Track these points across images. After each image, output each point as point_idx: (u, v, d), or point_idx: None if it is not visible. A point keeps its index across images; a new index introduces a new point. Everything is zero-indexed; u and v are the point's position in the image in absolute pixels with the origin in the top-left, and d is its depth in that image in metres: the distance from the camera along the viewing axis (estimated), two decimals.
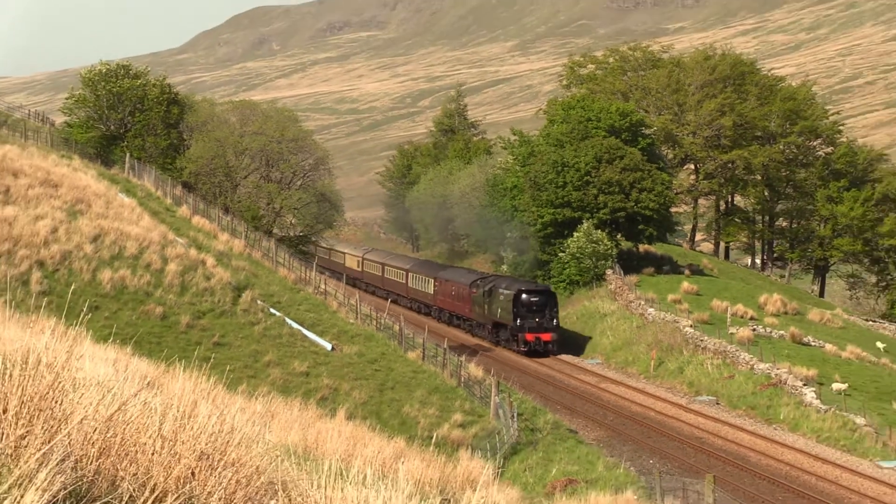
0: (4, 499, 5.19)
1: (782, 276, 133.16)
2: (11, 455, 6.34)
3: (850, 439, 66.74)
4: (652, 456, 61.34)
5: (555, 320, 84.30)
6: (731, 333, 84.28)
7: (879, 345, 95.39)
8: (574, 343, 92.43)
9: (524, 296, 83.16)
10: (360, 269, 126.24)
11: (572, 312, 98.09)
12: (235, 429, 8.49)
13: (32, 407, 6.89)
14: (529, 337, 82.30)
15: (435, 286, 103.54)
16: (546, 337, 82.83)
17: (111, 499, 6.59)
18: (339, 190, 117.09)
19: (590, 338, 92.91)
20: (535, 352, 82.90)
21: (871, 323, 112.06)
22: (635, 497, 44.48)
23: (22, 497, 5.02)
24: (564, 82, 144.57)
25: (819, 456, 62.78)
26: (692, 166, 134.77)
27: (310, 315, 69.43)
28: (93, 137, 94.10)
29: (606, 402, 76.44)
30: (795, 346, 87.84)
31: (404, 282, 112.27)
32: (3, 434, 6.67)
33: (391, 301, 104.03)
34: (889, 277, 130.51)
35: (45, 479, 5.41)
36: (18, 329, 24.71)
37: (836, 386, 77.07)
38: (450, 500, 16.40)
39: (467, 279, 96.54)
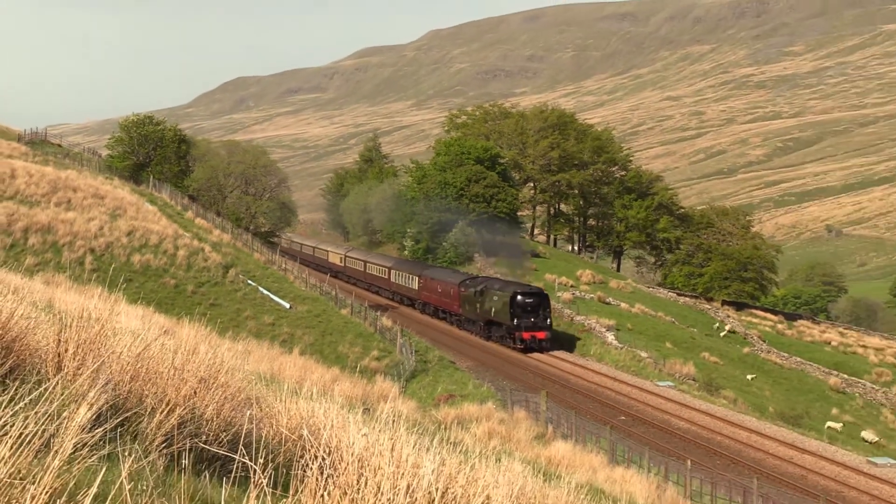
0: (65, 409, 4.95)
1: (592, 258, 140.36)
2: (70, 380, 6.42)
3: (638, 367, 75.71)
4: (505, 379, 65.20)
5: (548, 320, 78.63)
6: (559, 296, 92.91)
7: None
8: None
9: (520, 297, 77.25)
10: (342, 265, 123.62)
11: None
12: (224, 362, 8.70)
13: (85, 347, 7.31)
14: (526, 335, 76.33)
15: (420, 283, 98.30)
16: (541, 335, 76.90)
17: (139, 410, 6.81)
18: (295, 200, 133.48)
19: None
20: (531, 348, 76.93)
21: (650, 289, 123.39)
22: (494, 406, 47.39)
23: (78, 408, 4.84)
24: (446, 128, 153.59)
25: (617, 378, 69.53)
26: (532, 184, 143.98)
27: (275, 284, 75.67)
28: (127, 165, 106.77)
29: (474, 342, 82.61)
30: (601, 305, 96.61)
31: (387, 277, 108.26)
32: (65, 365, 7.04)
33: (374, 293, 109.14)
34: (663, 259, 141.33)
35: (94, 397, 5.41)
36: (77, 294, 28.60)
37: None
38: (369, 409, 15.47)
39: (455, 279, 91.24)
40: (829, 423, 75.40)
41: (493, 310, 79.87)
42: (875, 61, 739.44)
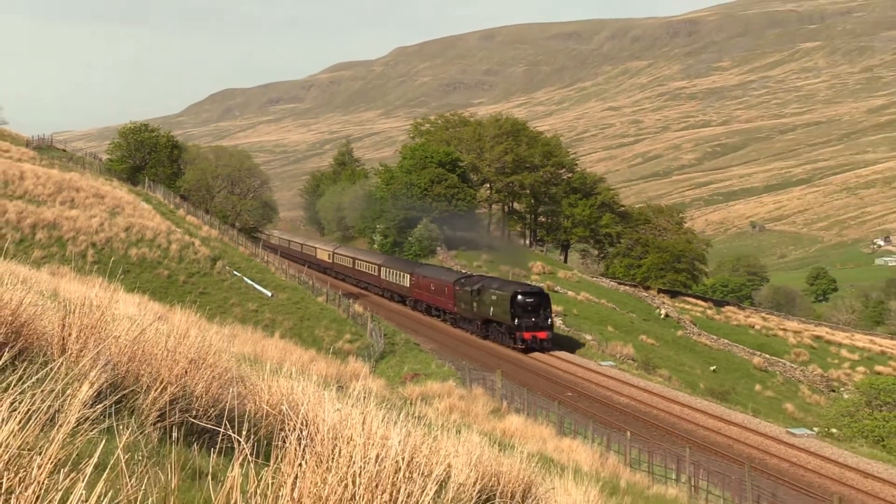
0: (69, 387, 4.75)
1: (542, 251, 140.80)
2: (74, 361, 6.44)
3: (582, 349, 75.01)
4: (464, 359, 63.44)
5: (549, 319, 71.09)
6: None
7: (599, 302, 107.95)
8: None
9: (520, 297, 69.75)
10: (330, 261, 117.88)
11: None
12: (212, 344, 8.63)
13: (87, 332, 7.33)
14: (527, 335, 69.15)
15: (412, 280, 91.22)
16: (542, 335, 69.67)
17: (135, 388, 6.77)
18: (275, 200, 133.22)
19: None
20: (532, 348, 69.64)
21: (594, 279, 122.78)
22: (454, 384, 47.44)
23: (80, 386, 4.68)
24: (411, 135, 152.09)
25: (563, 359, 68.99)
26: (488, 185, 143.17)
27: (258, 275, 74.99)
28: (125, 168, 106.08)
29: (435, 326, 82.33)
30: (550, 293, 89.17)
31: (377, 274, 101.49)
32: (69, 348, 7.08)
33: (363, 288, 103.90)
34: (605, 251, 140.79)
35: (94, 376, 5.23)
36: (79, 284, 27.98)
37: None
38: (343, 387, 14.05)
39: (449, 277, 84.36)
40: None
41: (492, 309, 72.83)
42: (794, 76, 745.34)
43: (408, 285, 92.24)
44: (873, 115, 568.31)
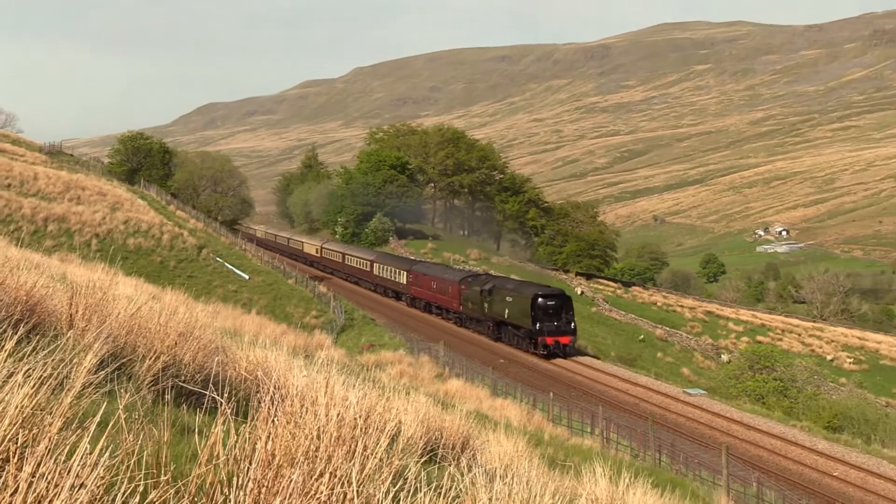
0: (75, 357, 4.63)
1: (479, 239, 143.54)
2: (80, 334, 6.44)
3: None
4: (412, 332, 62.93)
5: (572, 324, 58.68)
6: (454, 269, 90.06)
7: (577, 290, 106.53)
8: None
9: (541, 300, 57.44)
10: (318, 255, 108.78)
11: None
12: (198, 320, 8.49)
13: (91, 309, 7.24)
14: (549, 340, 57.41)
15: (409, 277, 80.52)
16: (565, 340, 58.23)
17: (133, 357, 6.65)
18: (252, 197, 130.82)
19: None
20: (554, 354, 58.22)
21: (522, 263, 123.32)
22: (404, 353, 47.36)
23: (85, 356, 4.50)
24: (367, 142, 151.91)
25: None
26: (432, 185, 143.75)
27: (237, 261, 74.56)
28: (124, 170, 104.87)
29: (387, 304, 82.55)
30: (487, 275, 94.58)
31: (370, 270, 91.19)
32: (76, 323, 7.01)
33: (353, 283, 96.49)
34: (531, 241, 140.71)
35: (98, 347, 5.03)
36: (84, 269, 26.20)
37: None
38: (309, 356, 13.52)
39: (454, 276, 73.21)
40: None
41: (507, 311, 60.74)
42: (689, 93, 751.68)
43: (404, 282, 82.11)
44: (754, 126, 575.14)
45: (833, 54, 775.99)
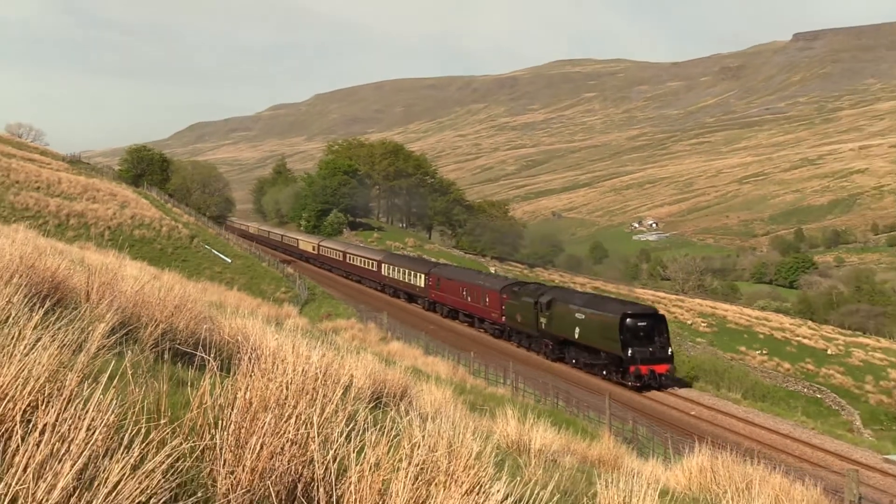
0: (91, 325, 4.53)
1: (415, 230, 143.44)
2: (95, 307, 6.26)
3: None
4: (362, 304, 62.65)
5: (668, 349, 39.22)
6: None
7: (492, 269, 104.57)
8: None
9: (629, 320, 38.42)
10: (315, 252, 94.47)
11: None
12: (190, 295, 8.29)
13: (104, 286, 7.17)
14: (644, 370, 38.05)
15: (429, 281, 64.52)
16: (661, 369, 38.62)
17: (138, 325, 6.55)
18: (233, 197, 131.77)
19: None
20: (648, 386, 39.02)
21: (449, 249, 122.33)
22: (355, 321, 47.32)
23: (99, 324, 4.39)
24: (326, 153, 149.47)
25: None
26: (377, 187, 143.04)
27: (221, 248, 73.79)
28: (131, 175, 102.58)
29: (344, 283, 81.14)
30: (418, 258, 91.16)
31: (377, 270, 76.09)
32: (91, 298, 6.94)
33: (355, 281, 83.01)
34: (456, 231, 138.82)
35: (110, 317, 5.06)
36: (99, 254, 23.75)
37: None
38: (280, 324, 14.56)
39: (492, 283, 56.04)
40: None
41: (578, 330, 41.98)
42: (580, 115, 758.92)
43: (422, 285, 66.26)
44: (631, 141, 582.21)
45: (690, 86, 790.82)
